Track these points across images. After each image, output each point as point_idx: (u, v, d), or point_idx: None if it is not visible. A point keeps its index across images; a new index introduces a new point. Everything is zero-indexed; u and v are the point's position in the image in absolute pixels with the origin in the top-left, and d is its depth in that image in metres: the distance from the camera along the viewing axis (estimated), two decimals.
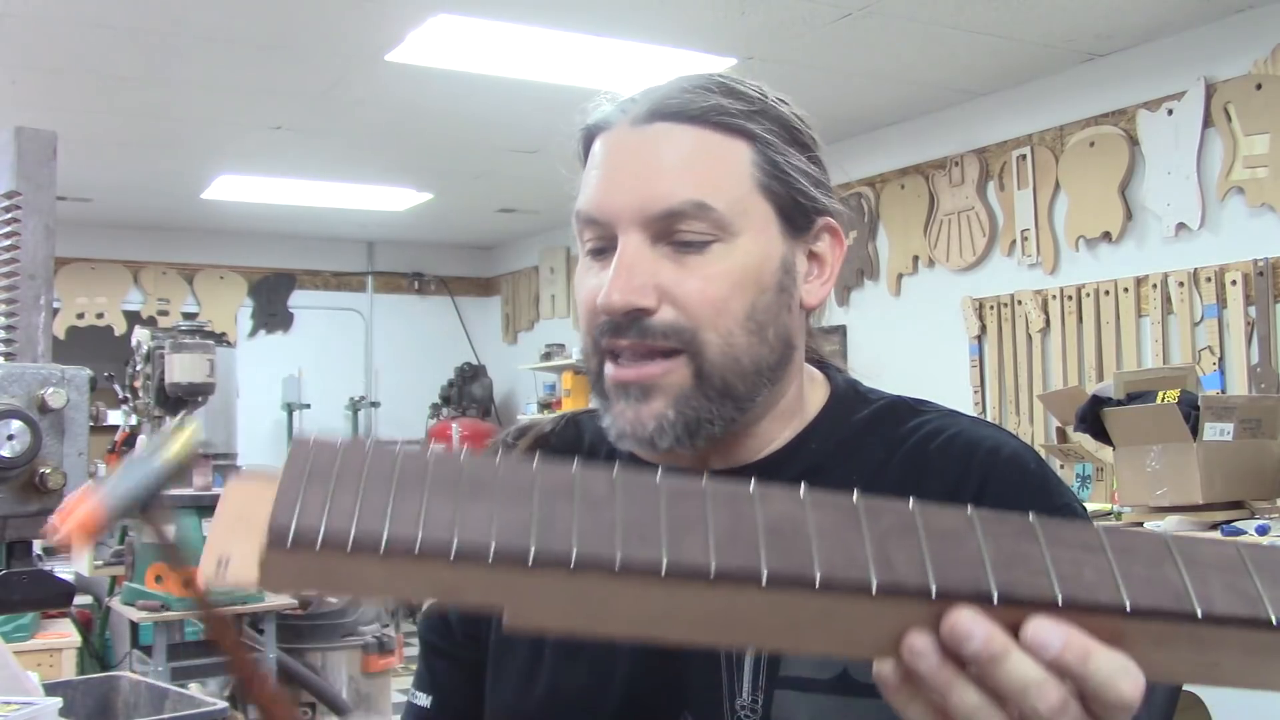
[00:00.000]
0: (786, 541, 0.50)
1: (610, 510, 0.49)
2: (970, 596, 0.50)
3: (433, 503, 0.48)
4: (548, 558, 0.47)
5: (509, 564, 0.47)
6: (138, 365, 3.58)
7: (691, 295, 0.85)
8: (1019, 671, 0.51)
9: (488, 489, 0.49)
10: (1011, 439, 0.94)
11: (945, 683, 0.52)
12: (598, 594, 0.49)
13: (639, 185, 0.87)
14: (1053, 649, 0.51)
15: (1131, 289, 4.00)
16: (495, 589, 0.48)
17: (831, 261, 0.95)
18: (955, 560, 0.50)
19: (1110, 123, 4.10)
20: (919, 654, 0.52)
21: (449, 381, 7.97)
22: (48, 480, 0.96)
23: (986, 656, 0.51)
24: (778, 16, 3.67)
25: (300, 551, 0.47)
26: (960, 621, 0.51)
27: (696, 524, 0.49)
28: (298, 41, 3.89)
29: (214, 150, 5.40)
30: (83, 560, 3.76)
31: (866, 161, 5.05)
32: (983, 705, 0.52)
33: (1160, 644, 0.51)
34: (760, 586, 0.48)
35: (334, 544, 0.46)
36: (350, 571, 0.48)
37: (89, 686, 1.75)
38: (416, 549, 0.46)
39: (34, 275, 1.05)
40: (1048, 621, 0.51)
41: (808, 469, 0.93)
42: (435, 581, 0.48)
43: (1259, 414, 2.89)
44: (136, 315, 6.95)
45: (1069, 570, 0.51)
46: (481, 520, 0.48)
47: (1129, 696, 0.51)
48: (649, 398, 0.87)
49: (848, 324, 5.12)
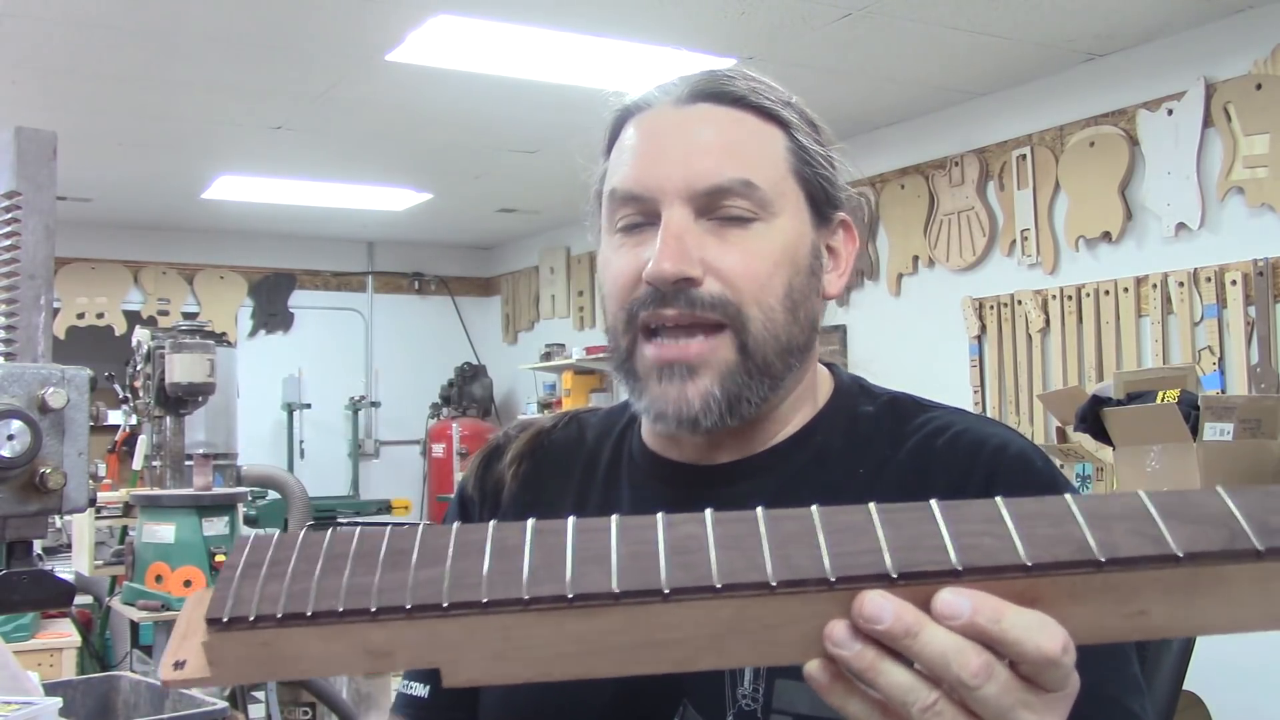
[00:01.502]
0: (688, 557, 0.52)
1: (519, 557, 0.52)
2: (871, 578, 0.51)
3: (355, 573, 0.52)
4: (461, 600, 0.51)
5: (426, 612, 0.51)
6: (138, 365, 3.58)
7: (736, 269, 0.87)
8: (936, 643, 0.51)
9: (406, 556, 0.53)
10: (1018, 437, 0.94)
11: (870, 667, 0.52)
12: (519, 635, 0.51)
13: (686, 161, 0.88)
14: (963, 614, 0.51)
15: (1131, 289, 4.00)
16: (422, 645, 0.51)
17: (846, 256, 0.97)
18: (854, 550, 0.52)
19: (1110, 123, 4.10)
20: (839, 643, 0.52)
21: (449, 381, 7.96)
22: (48, 480, 0.95)
23: (901, 632, 0.51)
24: (778, 16, 3.67)
25: (238, 631, 0.51)
26: (869, 602, 0.51)
27: (602, 556, 0.52)
28: (298, 41, 3.89)
29: (214, 150, 5.40)
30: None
31: (866, 161, 5.05)
32: (914, 685, 0.52)
33: (1078, 599, 0.52)
34: (665, 600, 0.50)
35: (266, 616, 0.51)
36: (289, 647, 0.51)
37: (89, 686, 1.75)
38: (340, 607, 0.50)
39: (34, 275, 1.05)
40: (954, 590, 0.52)
41: (813, 459, 0.94)
42: (366, 645, 0.51)
43: (1259, 414, 2.89)
44: (136, 315, 6.95)
45: (969, 541, 0.52)
46: (400, 580, 0.52)
47: (1049, 649, 0.51)
48: (695, 375, 0.87)
49: (848, 324, 5.12)
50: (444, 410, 7.80)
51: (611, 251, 0.92)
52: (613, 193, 0.91)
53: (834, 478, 0.93)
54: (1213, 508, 0.52)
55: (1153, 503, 0.53)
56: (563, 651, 0.52)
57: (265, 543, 0.55)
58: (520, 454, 1.06)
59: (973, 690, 0.51)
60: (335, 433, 7.77)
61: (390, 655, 0.52)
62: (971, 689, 0.51)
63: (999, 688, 0.52)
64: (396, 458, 7.98)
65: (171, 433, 3.45)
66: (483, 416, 7.75)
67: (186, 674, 0.52)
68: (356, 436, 7.76)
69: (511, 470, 1.04)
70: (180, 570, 3.19)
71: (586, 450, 1.04)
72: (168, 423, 3.45)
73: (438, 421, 7.72)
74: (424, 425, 7.94)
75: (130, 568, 3.36)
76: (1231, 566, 0.51)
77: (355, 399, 7.77)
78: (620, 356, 0.91)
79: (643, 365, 0.89)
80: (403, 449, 8.00)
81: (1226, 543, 0.51)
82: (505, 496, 1.04)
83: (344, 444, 7.79)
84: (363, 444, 7.82)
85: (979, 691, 0.52)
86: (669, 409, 0.87)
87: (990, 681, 0.52)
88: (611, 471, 1.02)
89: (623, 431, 1.04)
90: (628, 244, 0.90)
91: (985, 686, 0.52)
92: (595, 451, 1.04)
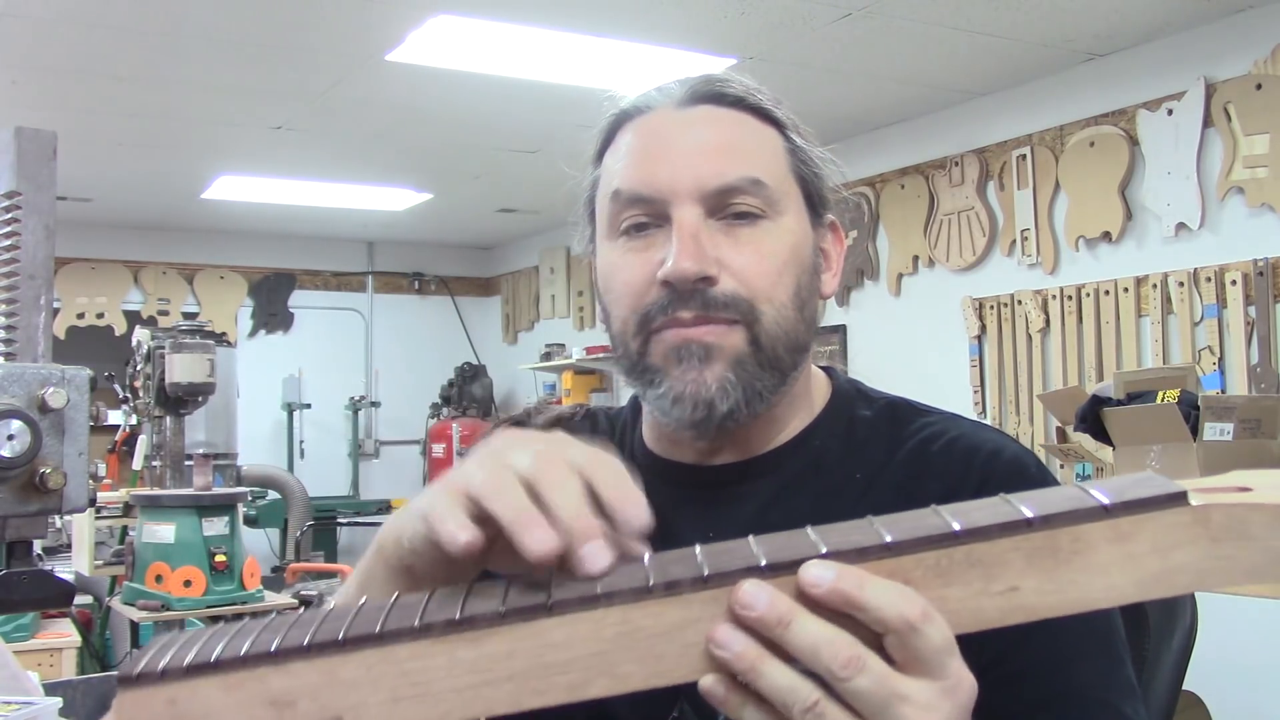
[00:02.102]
0: (574, 580, 0.55)
1: (421, 599, 0.56)
2: (741, 571, 0.53)
3: (264, 631, 0.56)
4: (356, 635, 0.53)
5: (325, 651, 0.53)
6: (138, 365, 3.58)
7: (749, 267, 0.87)
8: (808, 631, 0.52)
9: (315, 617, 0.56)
10: (1012, 443, 0.94)
11: (751, 668, 0.53)
12: (415, 669, 0.53)
13: (693, 161, 0.88)
14: (826, 580, 0.52)
15: (1131, 289, 4.00)
16: (323, 689, 0.53)
17: (835, 256, 0.98)
18: (728, 559, 0.55)
19: (1110, 123, 4.10)
20: (721, 643, 0.53)
21: (449, 381, 7.96)
22: (48, 480, 0.95)
23: (774, 619, 0.52)
24: (778, 16, 3.67)
25: (146, 685, 0.54)
26: (744, 589, 0.53)
27: (493, 591, 0.56)
28: (298, 41, 3.89)
29: (214, 150, 5.40)
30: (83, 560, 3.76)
31: (866, 161, 5.05)
32: (795, 684, 0.53)
33: (945, 579, 0.53)
34: (549, 613, 0.53)
35: (173, 670, 0.54)
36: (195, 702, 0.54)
37: (89, 686, 1.75)
38: (243, 653, 0.53)
39: (34, 275, 1.05)
40: (820, 562, 0.53)
41: (811, 464, 0.94)
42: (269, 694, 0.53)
43: (1259, 414, 2.89)
44: (136, 315, 6.95)
45: (835, 539, 0.55)
46: (303, 631, 0.55)
47: (910, 613, 0.52)
48: (711, 359, 0.87)
49: (848, 324, 5.12)
50: (444, 410, 7.80)
51: (617, 255, 0.91)
52: (617, 194, 0.90)
53: (830, 482, 0.93)
54: (1071, 490, 0.55)
55: (1013, 498, 0.55)
56: (459, 685, 0.53)
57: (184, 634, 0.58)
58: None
59: (844, 682, 0.52)
60: (335, 433, 7.77)
61: (293, 705, 0.53)
62: (843, 680, 0.52)
63: (871, 680, 0.52)
64: (396, 458, 7.98)
65: (171, 433, 3.45)
66: (483, 417, 7.75)
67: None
68: (356, 436, 7.76)
69: None
70: (180, 570, 3.19)
71: (599, 444, 1.05)
72: (168, 423, 3.45)
73: (438, 421, 7.72)
74: (424, 425, 7.95)
75: (130, 568, 3.36)
76: (1086, 527, 0.52)
77: (355, 399, 7.77)
78: (632, 359, 0.91)
79: (659, 355, 0.89)
80: (403, 449, 8.00)
81: (1076, 504, 0.53)
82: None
83: (344, 444, 7.79)
84: (363, 444, 7.82)
85: (851, 683, 0.52)
86: (686, 391, 0.87)
87: (862, 673, 0.52)
88: None
89: (625, 432, 1.04)
90: (635, 248, 0.89)
91: (857, 678, 0.52)
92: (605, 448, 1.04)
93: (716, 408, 0.87)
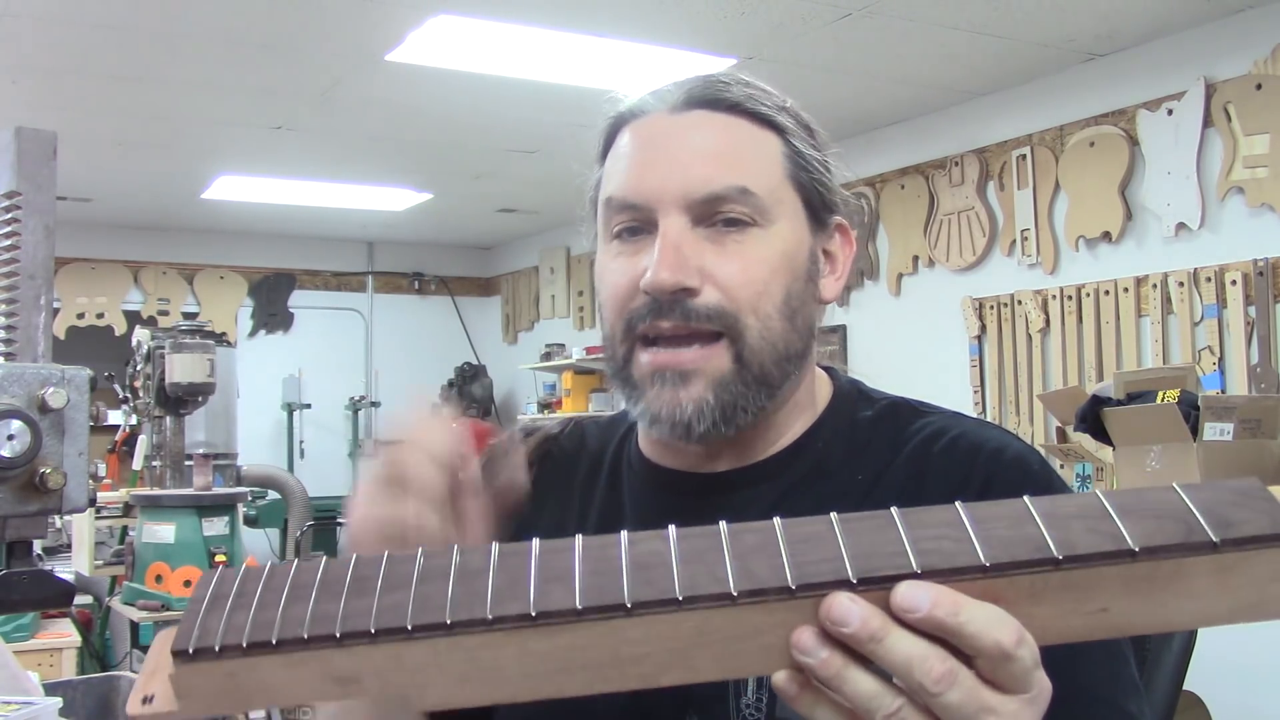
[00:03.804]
0: (650, 572, 0.53)
1: (484, 578, 0.53)
2: (831, 584, 0.52)
3: (320, 601, 0.53)
4: (425, 622, 0.51)
5: (391, 635, 0.51)
6: (138, 365, 3.58)
7: (734, 278, 0.86)
8: (901, 647, 0.52)
9: (371, 583, 0.54)
10: (1015, 440, 0.94)
11: (836, 674, 0.52)
12: (484, 656, 0.52)
13: (682, 169, 0.87)
14: (922, 607, 0.52)
15: (1131, 289, 4.00)
16: (389, 670, 0.52)
17: (843, 259, 0.97)
18: (815, 559, 0.53)
19: (1110, 123, 4.10)
20: (806, 650, 0.52)
21: (449, 381, 7.96)
22: (48, 480, 0.95)
23: (866, 636, 0.52)
24: (778, 16, 3.67)
25: (203, 662, 0.52)
26: (836, 605, 0.52)
27: (565, 574, 0.53)
28: (298, 41, 3.89)
29: (214, 150, 5.40)
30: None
31: (866, 161, 5.05)
32: (879, 691, 0.53)
33: (1037, 599, 0.52)
34: (628, 614, 0.51)
35: (231, 646, 0.51)
36: (255, 678, 0.52)
37: (89, 686, 1.75)
38: (305, 634, 0.51)
39: (34, 275, 1.05)
40: (913, 584, 0.52)
41: (814, 468, 0.94)
42: (332, 671, 0.52)
43: (1259, 414, 2.89)
44: (136, 315, 6.94)
45: (928, 545, 0.53)
46: (365, 606, 0.52)
47: (1005, 641, 0.52)
48: (687, 382, 0.87)
49: (848, 324, 5.12)
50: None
51: (609, 260, 0.91)
52: (609, 201, 0.90)
53: (834, 485, 0.92)
54: (1169, 503, 0.53)
55: (1110, 501, 0.53)
56: (529, 671, 0.52)
57: (231, 575, 0.55)
58: (528, 460, 1.06)
59: (936, 696, 0.52)
60: (335, 433, 7.77)
61: (357, 681, 0.52)
62: (934, 695, 0.52)
63: (962, 694, 0.52)
64: None
65: (171, 433, 3.45)
66: (483, 417, 7.75)
67: (155, 709, 0.52)
68: (356, 436, 7.76)
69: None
70: (180, 570, 3.19)
71: (589, 458, 1.04)
72: (168, 423, 3.45)
73: None
74: None
75: (130, 568, 3.36)
76: (1189, 560, 0.51)
77: (355, 399, 7.77)
78: (617, 365, 0.91)
79: (639, 372, 0.89)
80: None
81: (1183, 536, 0.51)
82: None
83: (344, 444, 7.79)
84: (363, 444, 7.82)
85: (942, 698, 0.52)
86: (663, 413, 0.87)
87: (954, 688, 0.52)
88: (613, 480, 1.01)
89: (621, 440, 1.04)
90: (625, 252, 0.89)
91: (948, 693, 0.52)
92: (597, 460, 1.03)
93: (693, 428, 0.87)
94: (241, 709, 0.53)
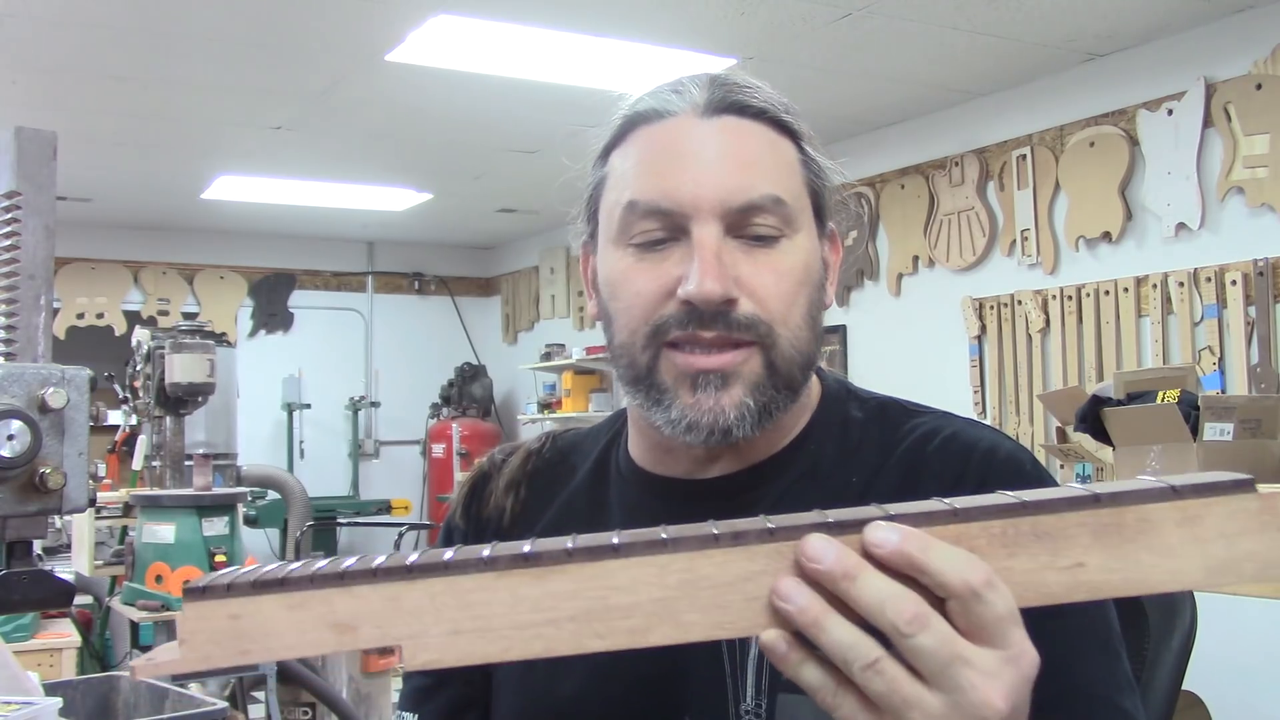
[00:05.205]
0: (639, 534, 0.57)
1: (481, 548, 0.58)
2: (809, 526, 0.55)
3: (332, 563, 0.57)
4: (424, 564, 0.55)
5: (391, 576, 0.55)
6: (138, 365, 3.58)
7: (768, 289, 0.86)
8: (873, 586, 0.53)
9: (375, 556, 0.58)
10: (1007, 440, 0.94)
11: (814, 622, 0.54)
12: (477, 601, 0.54)
13: (720, 177, 0.86)
14: (892, 540, 0.53)
15: (1131, 289, 4.00)
16: (386, 615, 0.55)
17: (834, 264, 0.96)
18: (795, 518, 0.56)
19: (1110, 123, 4.10)
20: (785, 595, 0.54)
21: (449, 381, 7.96)
22: (48, 480, 0.95)
23: (840, 572, 0.53)
24: (778, 16, 3.67)
25: (212, 600, 0.55)
26: (811, 543, 0.54)
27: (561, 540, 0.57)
28: (298, 41, 3.89)
29: (214, 150, 5.40)
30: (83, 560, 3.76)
31: (866, 161, 5.05)
32: (857, 640, 0.54)
33: (1011, 550, 0.54)
34: (615, 554, 0.54)
35: (240, 584, 0.55)
36: (256, 620, 0.55)
37: (89, 686, 1.74)
38: (310, 576, 0.55)
39: (34, 275, 1.05)
40: (885, 523, 0.54)
41: (808, 471, 0.93)
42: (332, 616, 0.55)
43: (1259, 414, 2.88)
44: (136, 315, 6.95)
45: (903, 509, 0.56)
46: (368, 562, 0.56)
47: (973, 579, 0.53)
48: (729, 385, 0.86)
49: (848, 324, 5.12)
50: (444, 410, 7.80)
51: (628, 264, 0.88)
52: (633, 205, 0.87)
53: (828, 488, 0.92)
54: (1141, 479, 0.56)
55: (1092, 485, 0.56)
56: (520, 621, 0.54)
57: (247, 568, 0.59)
58: (516, 480, 1.04)
59: (907, 638, 0.53)
60: (335, 433, 7.77)
61: (355, 630, 0.54)
62: (906, 636, 0.53)
63: (935, 639, 0.53)
64: (396, 458, 7.98)
65: (171, 433, 3.45)
66: (483, 417, 7.75)
67: (156, 660, 0.55)
68: (356, 436, 7.76)
69: (510, 498, 1.03)
70: (180, 570, 3.19)
71: (574, 471, 1.03)
72: (168, 423, 3.44)
73: (438, 422, 7.72)
74: (424, 425, 7.94)
75: (130, 568, 3.36)
76: (1152, 506, 0.53)
77: (355, 399, 7.77)
78: (639, 371, 0.88)
79: (670, 375, 0.87)
80: (403, 449, 8.00)
81: (1145, 487, 0.54)
82: (505, 522, 1.02)
83: (344, 444, 7.79)
84: (363, 444, 7.82)
85: (914, 640, 0.53)
86: (703, 419, 0.85)
87: (925, 631, 0.53)
88: (597, 493, 1.00)
89: (607, 449, 1.02)
90: (649, 258, 0.87)
91: (920, 635, 0.53)
92: (584, 471, 1.02)
93: (733, 433, 0.86)
94: (242, 659, 0.55)
